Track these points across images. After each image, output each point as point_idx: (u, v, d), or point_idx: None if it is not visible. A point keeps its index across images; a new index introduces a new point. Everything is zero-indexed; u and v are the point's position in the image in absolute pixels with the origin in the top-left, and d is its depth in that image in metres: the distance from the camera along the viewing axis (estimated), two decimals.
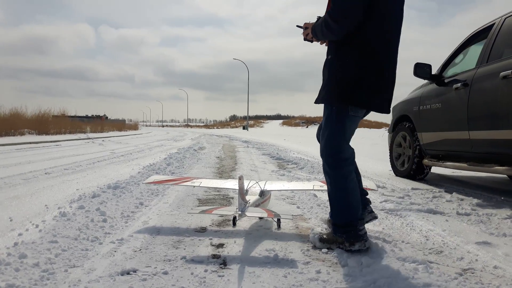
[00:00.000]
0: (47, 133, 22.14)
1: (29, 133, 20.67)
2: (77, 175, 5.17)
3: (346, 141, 2.14)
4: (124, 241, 2.25)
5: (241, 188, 2.40)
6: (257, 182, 3.06)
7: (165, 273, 1.79)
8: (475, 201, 3.43)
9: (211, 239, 2.34)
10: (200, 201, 3.50)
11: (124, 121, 70.08)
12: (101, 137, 20.95)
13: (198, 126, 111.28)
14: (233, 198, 3.62)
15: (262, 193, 2.86)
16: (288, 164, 6.84)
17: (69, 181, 4.57)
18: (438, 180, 5.02)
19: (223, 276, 1.77)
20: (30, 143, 13.74)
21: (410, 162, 5.02)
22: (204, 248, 2.17)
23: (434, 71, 4.63)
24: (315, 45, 2.31)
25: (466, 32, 4.90)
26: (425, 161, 4.72)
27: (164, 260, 1.96)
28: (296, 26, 2.36)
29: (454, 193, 3.80)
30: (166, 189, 3.92)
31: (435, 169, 5.57)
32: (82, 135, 23.45)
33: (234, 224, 2.45)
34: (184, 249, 2.15)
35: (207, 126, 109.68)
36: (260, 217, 2.62)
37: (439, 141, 4.44)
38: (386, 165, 6.12)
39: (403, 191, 4.05)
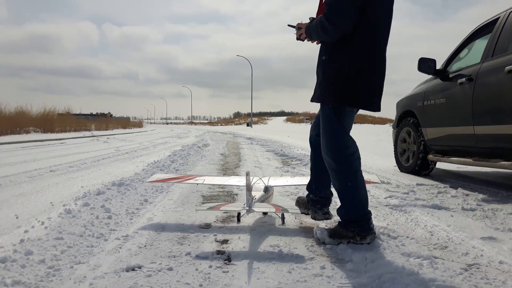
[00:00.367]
0: (52, 131, 22.28)
1: (34, 131, 20.81)
2: (82, 172, 5.20)
3: (347, 134, 2.21)
4: (129, 238, 2.26)
5: (248, 184, 2.40)
6: (260, 178, 3.06)
7: (170, 269, 1.80)
8: (481, 196, 3.41)
9: (215, 235, 2.34)
10: (204, 197, 3.51)
11: (128, 118, 70.31)
12: (106, 135, 21.03)
13: (202, 123, 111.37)
14: (237, 195, 3.63)
15: (266, 188, 2.86)
16: (292, 161, 6.84)
17: (74, 179, 4.60)
18: (443, 175, 5.00)
19: (227, 272, 1.78)
20: (35, 141, 13.82)
21: (415, 157, 5.00)
22: (208, 244, 2.18)
23: (438, 66, 4.61)
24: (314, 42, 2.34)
25: (471, 27, 4.86)
26: (430, 156, 4.70)
27: (169, 256, 1.97)
28: (288, 25, 2.41)
29: (459, 189, 3.78)
30: (170, 186, 3.93)
31: (440, 165, 5.55)
32: (87, 133, 23.56)
33: (239, 220, 2.45)
34: (189, 245, 2.16)
35: (211, 123, 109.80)
36: (268, 211, 2.63)
37: (444, 137, 4.42)
38: (391, 161, 6.10)
39: (408, 186, 4.04)
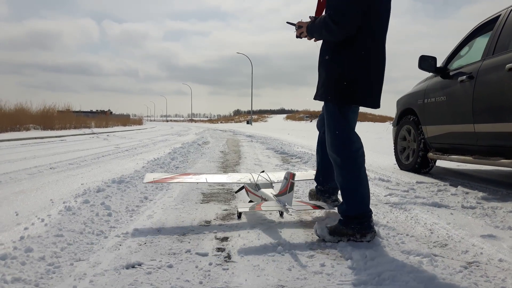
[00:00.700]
0: (52, 128, 22.29)
1: (34, 128, 20.79)
2: (82, 169, 5.20)
3: (353, 130, 2.24)
4: (129, 235, 2.26)
5: (291, 183, 2.37)
6: (259, 174, 2.98)
7: (170, 266, 1.80)
8: (480, 194, 3.41)
9: (215, 232, 2.35)
10: (204, 195, 3.51)
11: (128, 116, 70.25)
12: (106, 132, 21.03)
13: (202, 121, 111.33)
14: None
15: (271, 185, 2.84)
16: (292, 158, 6.84)
17: (74, 176, 4.60)
18: (443, 173, 4.99)
19: (227, 269, 1.78)
20: (35, 138, 13.82)
21: (415, 155, 5.00)
22: (208, 241, 2.18)
23: (439, 64, 4.60)
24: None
25: (472, 25, 4.85)
26: (430, 154, 4.69)
27: (169, 254, 1.97)
28: (287, 22, 2.42)
29: (459, 187, 3.78)
30: (170, 183, 3.93)
31: (440, 163, 5.55)
32: (87, 130, 23.56)
33: (239, 217, 2.44)
34: (189, 242, 2.16)
35: (211, 120, 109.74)
36: (306, 210, 2.66)
37: (444, 134, 4.42)
38: (390, 159, 6.10)
39: (407, 184, 4.04)
